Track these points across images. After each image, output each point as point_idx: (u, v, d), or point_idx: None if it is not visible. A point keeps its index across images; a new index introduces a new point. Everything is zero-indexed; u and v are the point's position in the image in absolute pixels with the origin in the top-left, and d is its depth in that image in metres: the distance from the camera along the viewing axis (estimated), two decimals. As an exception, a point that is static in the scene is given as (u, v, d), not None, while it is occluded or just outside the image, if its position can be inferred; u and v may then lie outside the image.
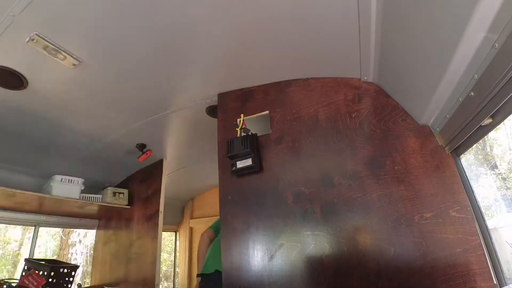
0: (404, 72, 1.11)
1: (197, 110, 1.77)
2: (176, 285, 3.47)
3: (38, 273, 1.67)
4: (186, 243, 3.39)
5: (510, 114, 0.78)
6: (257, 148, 1.41)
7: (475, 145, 1.02)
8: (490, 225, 1.02)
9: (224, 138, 1.51)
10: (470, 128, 0.90)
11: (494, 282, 0.94)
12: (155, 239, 2.14)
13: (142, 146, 2.12)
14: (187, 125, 1.99)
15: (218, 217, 1.44)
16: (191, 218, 3.49)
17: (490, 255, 0.97)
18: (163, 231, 3.13)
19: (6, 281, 1.88)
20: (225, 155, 1.44)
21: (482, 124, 0.85)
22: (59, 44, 1.13)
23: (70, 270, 1.87)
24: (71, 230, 4.38)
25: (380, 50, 1.15)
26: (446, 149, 1.11)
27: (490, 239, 0.99)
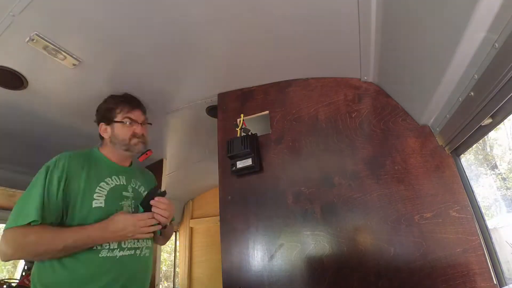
0: (404, 72, 1.11)
1: (197, 110, 1.77)
2: (176, 285, 3.47)
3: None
4: (186, 243, 3.39)
5: (510, 114, 0.78)
6: (257, 148, 1.41)
7: (475, 145, 1.02)
8: (490, 225, 1.02)
9: (224, 138, 1.51)
10: (470, 128, 0.90)
11: (494, 282, 0.94)
12: (155, 239, 2.14)
13: (142, 146, 2.12)
14: (187, 125, 1.99)
15: (218, 217, 1.44)
16: (191, 218, 3.49)
17: (490, 255, 0.97)
18: (163, 231, 3.13)
19: (6, 281, 1.88)
20: (225, 155, 1.44)
21: (482, 124, 0.85)
22: (59, 44, 1.13)
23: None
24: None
25: (380, 50, 1.15)
26: (446, 149, 1.11)
27: (490, 239, 0.99)
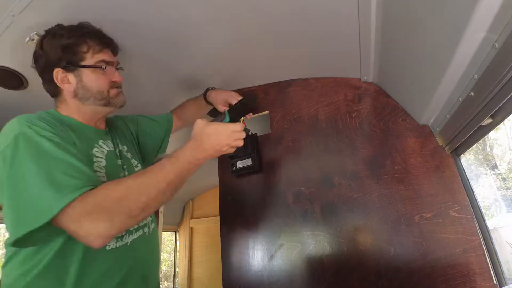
0: (404, 72, 1.11)
1: (197, 110, 1.77)
2: (176, 285, 3.47)
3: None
4: (186, 243, 3.38)
5: (510, 114, 0.78)
6: (257, 148, 1.41)
7: (475, 145, 1.02)
8: (490, 225, 1.02)
9: (224, 138, 1.51)
10: (470, 128, 0.90)
11: (494, 282, 0.94)
12: (155, 239, 2.14)
13: (142, 146, 2.12)
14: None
15: (218, 217, 1.44)
16: (191, 218, 3.48)
17: (490, 255, 0.97)
18: (163, 231, 3.14)
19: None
20: (225, 155, 1.44)
21: (482, 124, 0.85)
22: (59, 44, 1.13)
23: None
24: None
25: (380, 50, 1.15)
26: (446, 149, 1.11)
27: (490, 239, 0.99)
